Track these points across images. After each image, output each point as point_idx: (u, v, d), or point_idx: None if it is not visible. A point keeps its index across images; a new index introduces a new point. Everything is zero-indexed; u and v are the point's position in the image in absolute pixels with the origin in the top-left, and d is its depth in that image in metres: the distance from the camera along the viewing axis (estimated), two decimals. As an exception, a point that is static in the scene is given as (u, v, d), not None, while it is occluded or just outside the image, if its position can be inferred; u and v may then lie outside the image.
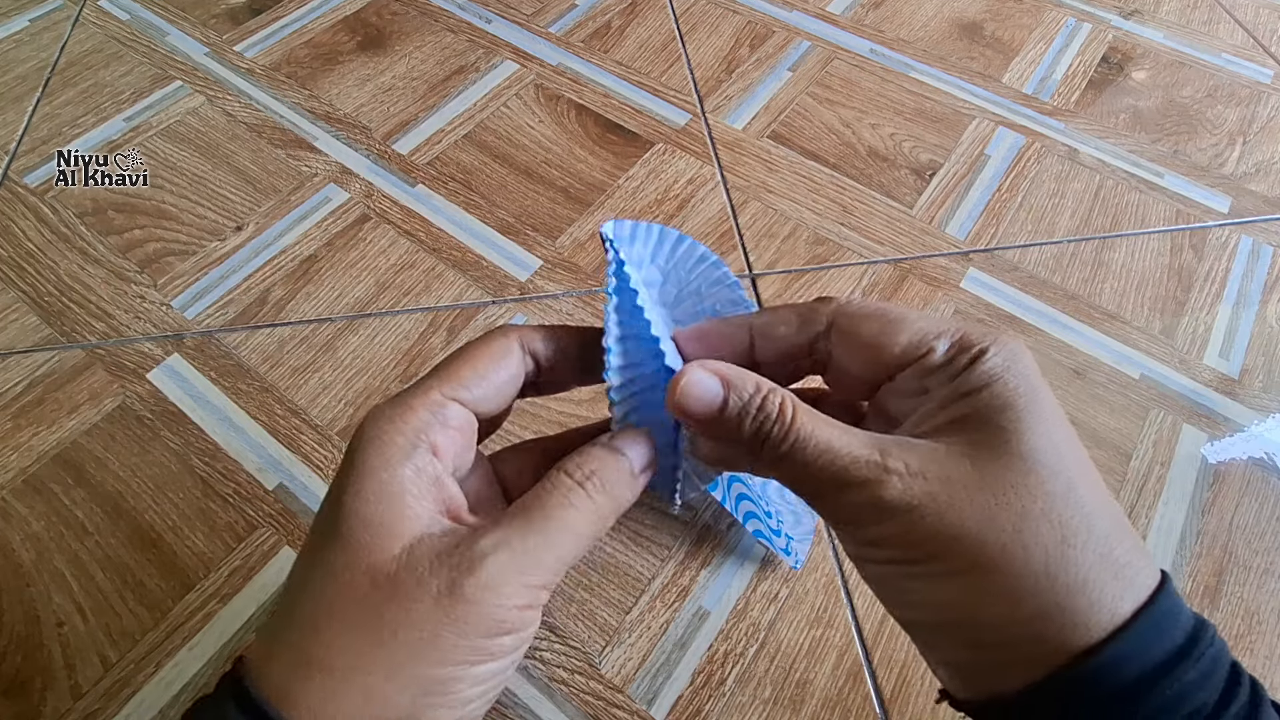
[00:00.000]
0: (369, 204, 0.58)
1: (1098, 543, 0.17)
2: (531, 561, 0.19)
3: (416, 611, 0.17)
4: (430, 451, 0.20)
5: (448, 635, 0.17)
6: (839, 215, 0.58)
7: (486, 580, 0.18)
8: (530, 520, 0.19)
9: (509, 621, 0.18)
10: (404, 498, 0.19)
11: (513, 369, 0.22)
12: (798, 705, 0.38)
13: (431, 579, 0.18)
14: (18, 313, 0.52)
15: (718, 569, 0.42)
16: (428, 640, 0.17)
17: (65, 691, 0.38)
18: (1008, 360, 0.19)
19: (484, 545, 0.18)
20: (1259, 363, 0.51)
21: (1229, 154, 0.63)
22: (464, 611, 0.18)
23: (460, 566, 0.18)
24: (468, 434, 0.22)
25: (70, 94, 0.65)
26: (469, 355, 0.22)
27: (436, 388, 0.21)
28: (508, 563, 0.18)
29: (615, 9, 0.73)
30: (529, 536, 0.19)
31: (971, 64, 0.69)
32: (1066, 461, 0.18)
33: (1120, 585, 0.17)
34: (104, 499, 0.44)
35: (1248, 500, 0.45)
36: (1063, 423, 0.19)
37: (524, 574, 0.18)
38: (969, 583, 0.18)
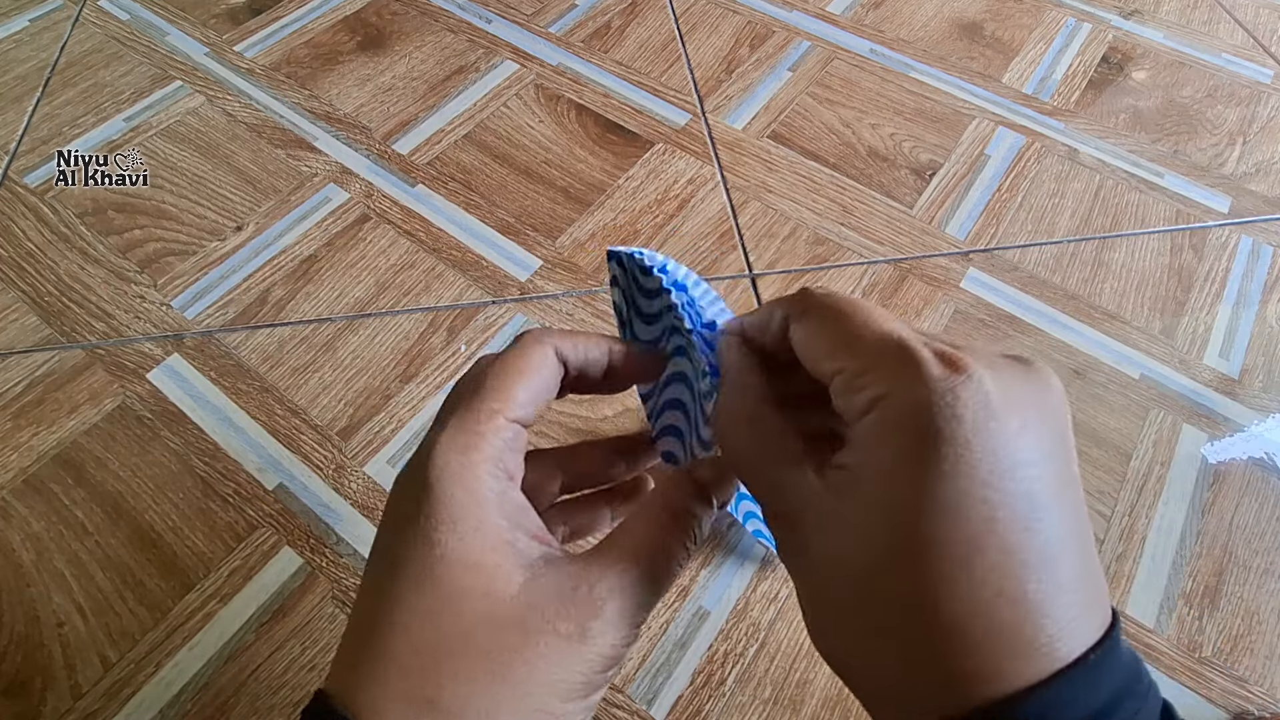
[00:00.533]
0: (369, 204, 0.58)
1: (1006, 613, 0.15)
2: (642, 605, 0.20)
3: (548, 649, 0.18)
4: (509, 479, 0.20)
5: (576, 670, 0.19)
6: (839, 215, 0.58)
7: (609, 622, 0.19)
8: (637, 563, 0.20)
9: (620, 656, 0.20)
10: (501, 534, 0.19)
11: (554, 379, 0.22)
12: (798, 705, 0.38)
13: (560, 621, 0.19)
14: (18, 313, 0.52)
15: (718, 569, 0.42)
16: (558, 675, 0.18)
17: (65, 691, 0.38)
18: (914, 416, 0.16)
19: (602, 590, 0.19)
20: (1259, 363, 0.51)
21: (1229, 154, 0.63)
22: (589, 651, 0.19)
23: (586, 610, 0.19)
24: (524, 451, 0.22)
25: (70, 94, 0.65)
26: (519, 372, 0.21)
27: (500, 412, 0.20)
28: (624, 606, 0.19)
29: (615, 9, 0.73)
30: (640, 586, 0.20)
31: (971, 64, 0.69)
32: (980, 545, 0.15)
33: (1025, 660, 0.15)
34: (104, 499, 0.44)
35: (1248, 500, 0.45)
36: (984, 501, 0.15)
37: (633, 614, 0.20)
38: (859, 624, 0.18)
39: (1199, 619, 0.41)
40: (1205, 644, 0.41)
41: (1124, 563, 0.43)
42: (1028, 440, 0.16)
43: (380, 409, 0.48)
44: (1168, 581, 0.42)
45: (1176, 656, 0.40)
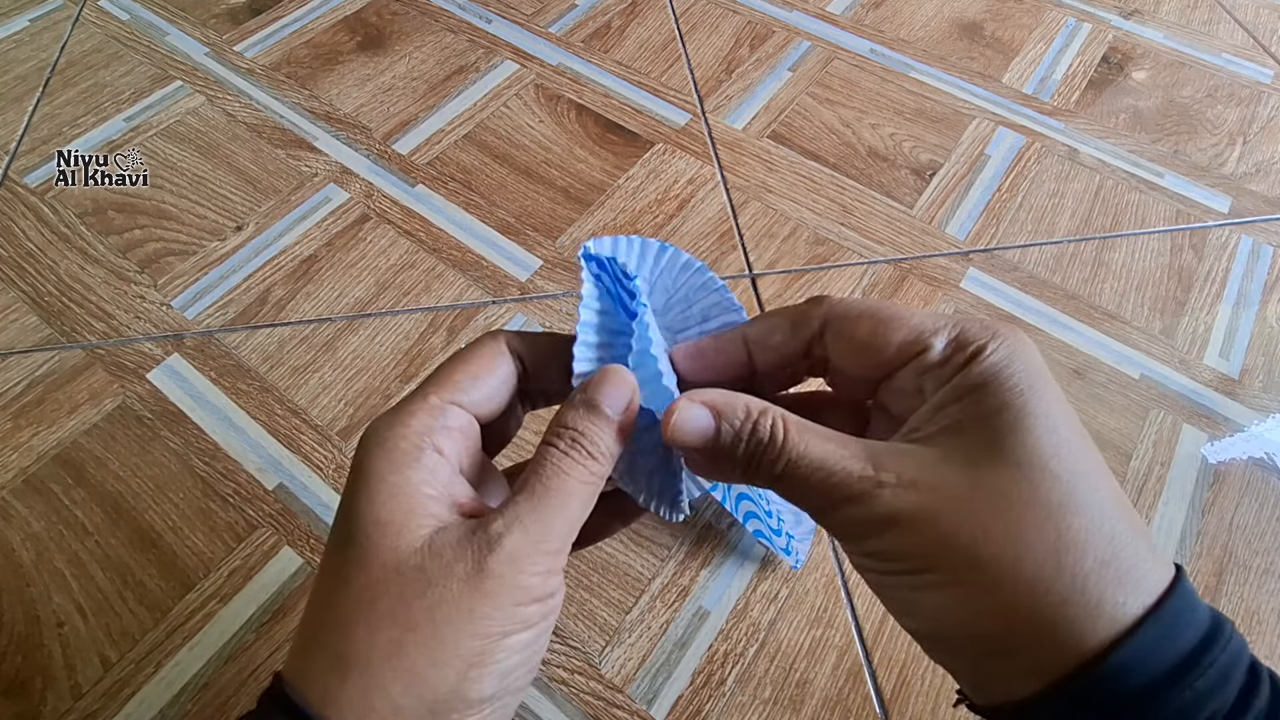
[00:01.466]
0: (369, 204, 0.58)
1: (1098, 548, 0.17)
2: (543, 530, 0.20)
3: (449, 593, 0.19)
4: (436, 453, 0.21)
5: (481, 609, 0.19)
6: (839, 215, 0.58)
7: (507, 555, 0.19)
8: (533, 495, 0.20)
9: (534, 589, 0.19)
10: (417, 497, 0.20)
11: (505, 370, 0.23)
12: (798, 705, 0.38)
13: (457, 562, 0.19)
14: (18, 313, 0.52)
15: (718, 569, 0.42)
16: (464, 616, 0.18)
17: (65, 691, 0.38)
18: (1005, 358, 0.19)
19: (498, 525, 0.19)
20: (1259, 363, 0.51)
21: (1229, 154, 0.63)
22: (493, 585, 0.19)
23: (482, 547, 0.19)
24: (470, 436, 0.22)
25: (70, 94, 0.65)
26: (461, 360, 0.23)
27: (434, 393, 0.22)
28: (522, 536, 0.19)
29: (615, 9, 0.73)
30: (536, 509, 0.20)
31: (971, 64, 0.69)
32: (1066, 464, 0.17)
33: (1123, 591, 0.16)
34: (104, 499, 0.44)
35: (1248, 500, 0.45)
36: (1065, 421, 0.18)
37: (540, 543, 0.20)
38: (966, 593, 0.18)
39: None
40: (1205, 644, 0.41)
41: (1124, 563, 0.43)
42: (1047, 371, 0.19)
43: (380, 409, 0.48)
44: (1168, 581, 0.42)
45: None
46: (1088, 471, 0.18)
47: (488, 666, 0.19)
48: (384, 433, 0.21)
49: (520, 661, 0.20)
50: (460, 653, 0.18)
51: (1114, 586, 0.16)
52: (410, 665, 0.18)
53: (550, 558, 0.20)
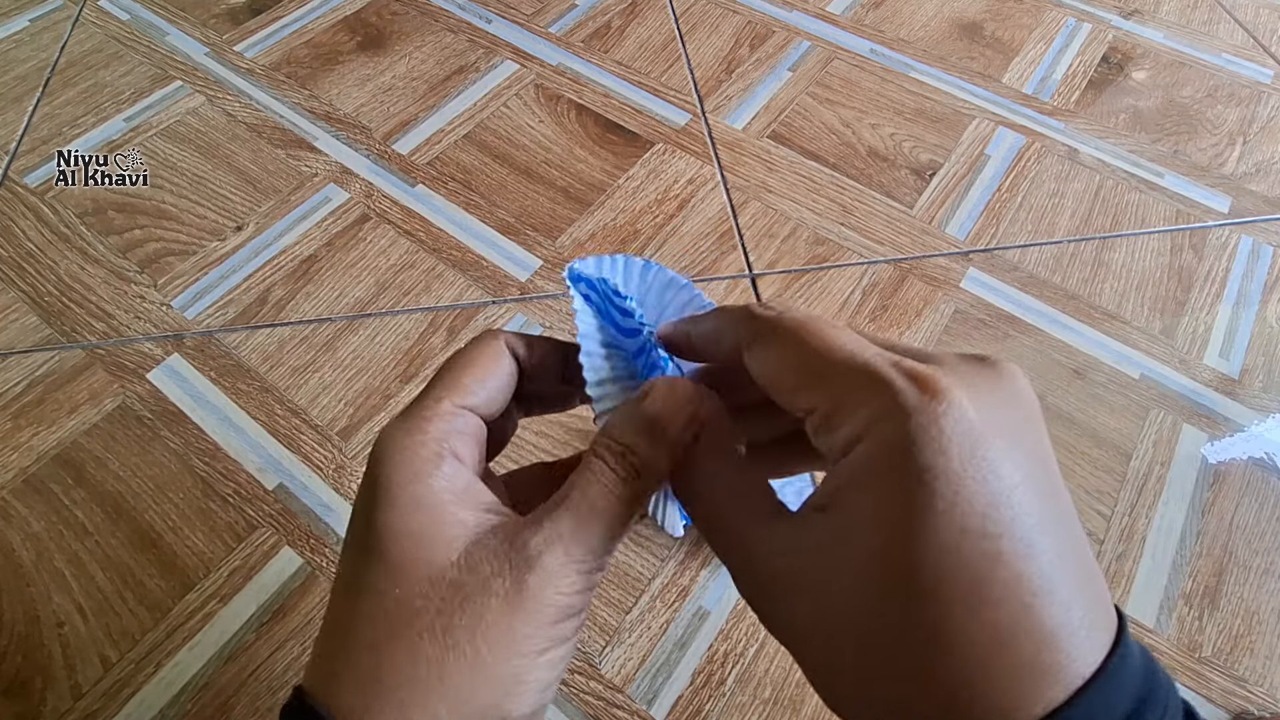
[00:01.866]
0: (369, 204, 0.58)
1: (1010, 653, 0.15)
2: (582, 549, 0.19)
3: (489, 610, 0.18)
4: (455, 459, 0.20)
5: (522, 628, 0.18)
6: (839, 215, 0.58)
7: (546, 573, 0.19)
8: (575, 511, 0.20)
9: (571, 606, 0.19)
10: (444, 507, 0.19)
11: (506, 371, 0.23)
12: (798, 705, 0.38)
13: (495, 579, 0.18)
14: (18, 313, 0.52)
15: (718, 569, 0.42)
16: (505, 636, 0.18)
17: (65, 691, 0.38)
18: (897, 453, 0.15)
19: (538, 542, 0.19)
20: (1259, 363, 0.51)
21: (1229, 154, 0.63)
22: (531, 605, 0.18)
23: (521, 564, 0.19)
24: (481, 441, 0.22)
25: (70, 94, 0.65)
26: (468, 362, 0.22)
27: (446, 398, 0.21)
28: (562, 554, 0.19)
29: (615, 9, 0.73)
30: (575, 528, 0.19)
31: (971, 64, 0.69)
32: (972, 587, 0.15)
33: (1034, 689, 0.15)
34: (104, 499, 0.44)
35: (1248, 500, 0.45)
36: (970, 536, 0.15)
37: (578, 561, 0.19)
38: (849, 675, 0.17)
39: (1199, 619, 0.41)
40: (1205, 644, 0.41)
41: (1124, 563, 0.43)
42: (1016, 458, 0.15)
43: (380, 409, 0.48)
44: (1168, 581, 0.42)
45: (1176, 656, 0.40)
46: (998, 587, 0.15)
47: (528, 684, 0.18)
48: (402, 440, 0.20)
49: (556, 676, 0.19)
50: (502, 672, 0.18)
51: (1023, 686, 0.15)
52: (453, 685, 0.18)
53: (587, 576, 0.19)
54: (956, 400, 0.15)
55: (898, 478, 0.15)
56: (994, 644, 0.15)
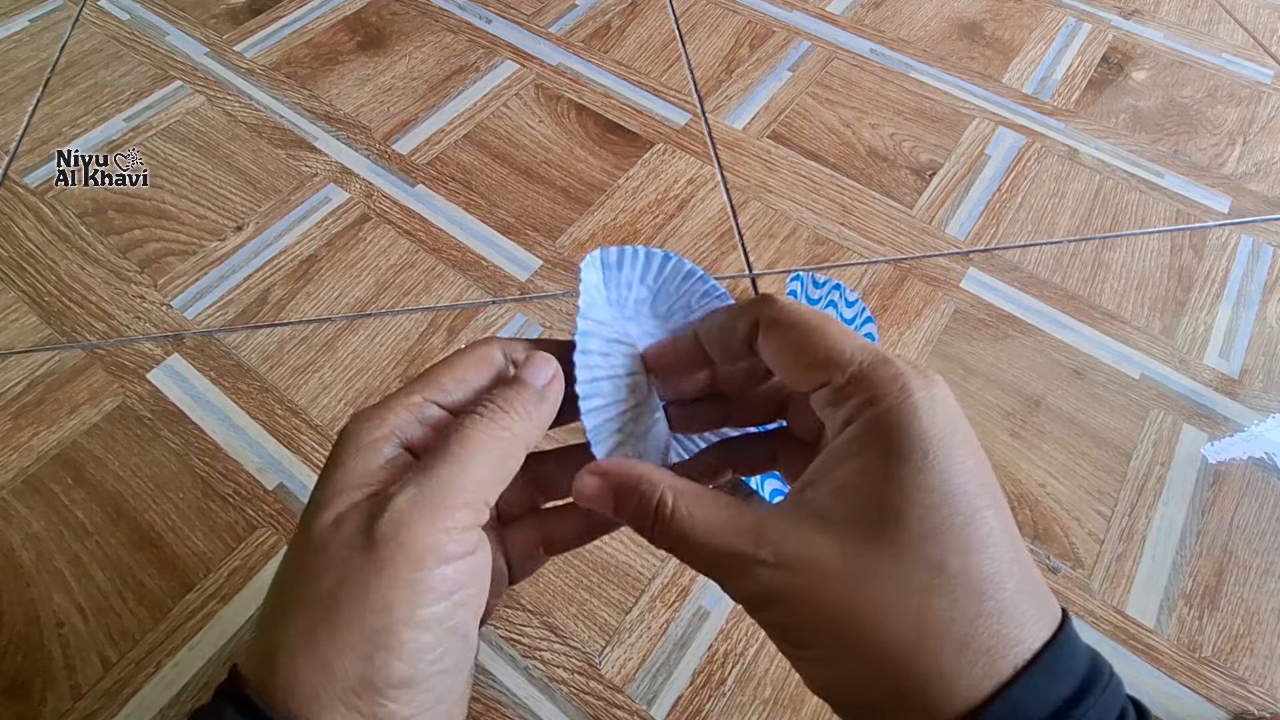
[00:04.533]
0: (369, 204, 0.58)
1: (958, 630, 0.17)
2: (439, 486, 0.19)
3: (349, 569, 0.18)
4: (404, 447, 0.21)
5: (374, 580, 0.17)
6: (839, 215, 0.58)
7: (396, 515, 0.18)
8: (434, 454, 0.20)
9: (434, 549, 0.18)
10: (353, 478, 0.20)
11: (493, 375, 0.23)
12: (798, 705, 0.38)
13: (355, 534, 0.18)
14: (18, 313, 0.52)
15: (718, 569, 0.42)
16: (360, 593, 0.17)
17: (65, 691, 0.38)
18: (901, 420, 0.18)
19: (393, 489, 0.19)
20: (1259, 363, 0.51)
21: (1229, 154, 0.63)
22: (385, 553, 0.17)
23: (371, 513, 0.18)
24: None
25: (70, 94, 0.65)
26: (449, 361, 0.23)
27: (417, 391, 0.22)
28: (415, 495, 0.18)
29: (615, 9, 0.73)
30: (434, 468, 0.19)
31: (971, 64, 0.69)
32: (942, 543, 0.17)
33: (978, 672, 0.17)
34: (104, 499, 0.44)
35: (1248, 500, 0.45)
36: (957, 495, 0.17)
37: (436, 500, 0.18)
38: (837, 670, 0.18)
39: (1199, 619, 0.41)
40: (1205, 644, 0.41)
41: (1124, 563, 0.43)
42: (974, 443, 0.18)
43: (380, 409, 0.48)
44: (1168, 581, 0.42)
45: (1176, 656, 0.40)
46: (966, 547, 0.17)
47: (393, 648, 0.17)
48: (360, 423, 0.21)
49: (435, 640, 0.18)
50: (362, 635, 0.17)
51: (970, 667, 0.17)
52: (322, 652, 0.17)
53: (449, 513, 0.18)
54: (942, 385, 0.19)
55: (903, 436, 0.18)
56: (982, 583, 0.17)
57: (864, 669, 0.18)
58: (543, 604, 0.41)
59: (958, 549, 0.17)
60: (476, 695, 0.38)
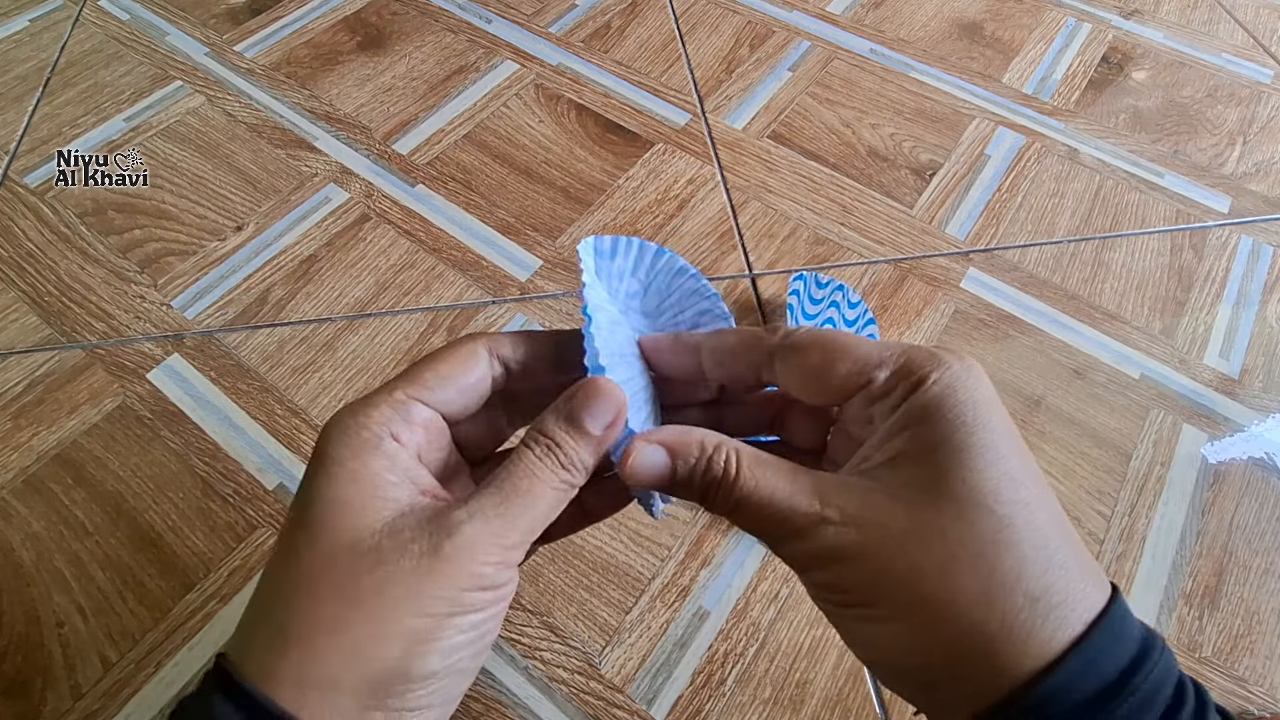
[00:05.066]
0: (369, 204, 0.58)
1: (1029, 584, 0.17)
2: (504, 526, 0.20)
3: (400, 570, 0.19)
4: (394, 441, 0.21)
5: (430, 588, 0.19)
6: (839, 215, 0.58)
7: (463, 542, 0.19)
8: (500, 491, 0.21)
9: (485, 578, 0.20)
10: (378, 482, 0.20)
11: (478, 372, 0.23)
12: (798, 705, 0.38)
13: (413, 543, 0.19)
14: (18, 313, 0.52)
15: (718, 569, 0.42)
16: (411, 594, 0.19)
17: (65, 691, 0.38)
18: (948, 388, 0.19)
19: (460, 514, 0.20)
20: (1259, 363, 0.51)
21: (1229, 154, 0.63)
22: (444, 568, 0.19)
23: (440, 532, 0.19)
24: (434, 433, 0.23)
25: (70, 94, 0.65)
26: (431, 358, 0.23)
27: (400, 388, 0.22)
28: (482, 527, 0.20)
29: (615, 9, 0.73)
30: (500, 506, 0.20)
31: (971, 64, 0.69)
32: (1004, 499, 0.18)
33: (1050, 626, 0.17)
34: (104, 499, 0.44)
35: (1248, 500, 0.45)
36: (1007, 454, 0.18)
37: (498, 537, 0.20)
38: (903, 628, 0.18)
39: (1199, 619, 0.41)
40: (1205, 644, 0.41)
41: (1124, 563, 0.43)
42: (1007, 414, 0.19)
43: (380, 409, 0.48)
44: (1168, 581, 0.42)
45: (1177, 656, 0.40)
46: (1027, 502, 0.18)
47: (432, 644, 0.19)
48: (346, 420, 0.21)
49: (466, 642, 0.20)
50: (404, 629, 0.19)
51: (1042, 621, 0.17)
52: (352, 640, 0.18)
53: (506, 552, 0.20)
54: (976, 364, 0.20)
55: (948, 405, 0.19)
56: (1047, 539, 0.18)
57: (930, 627, 0.18)
58: (543, 604, 0.41)
59: (1019, 505, 0.18)
60: (476, 695, 0.38)
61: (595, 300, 0.24)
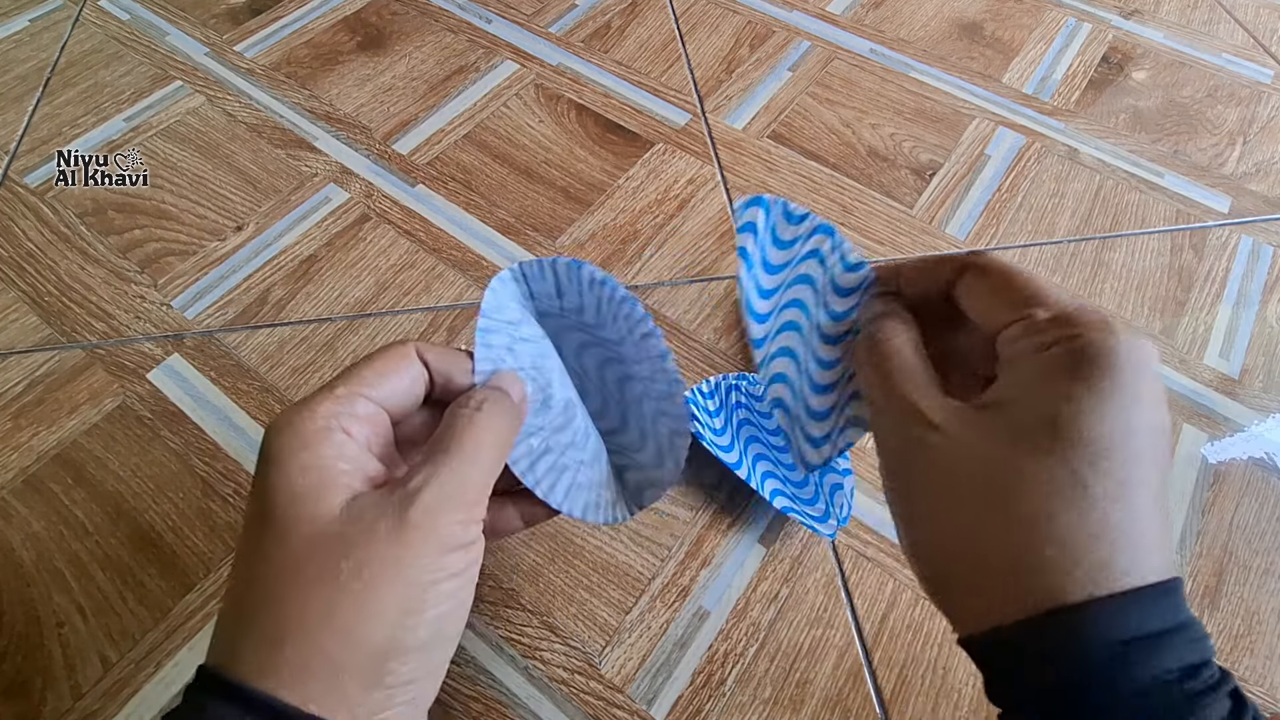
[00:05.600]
0: (369, 204, 0.58)
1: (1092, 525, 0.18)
2: (459, 482, 0.21)
3: (374, 549, 0.19)
4: (343, 433, 0.22)
5: (406, 558, 0.20)
6: (839, 215, 0.58)
7: (425, 507, 0.20)
8: (447, 451, 0.21)
9: (455, 537, 0.21)
10: (329, 469, 0.21)
11: (411, 372, 0.24)
12: (798, 705, 0.38)
13: (379, 521, 0.20)
14: (18, 313, 0.52)
15: (718, 569, 0.42)
16: (391, 569, 0.19)
17: (65, 691, 0.38)
18: (1095, 352, 0.19)
19: (416, 481, 0.21)
20: (1259, 363, 0.51)
21: (1229, 154, 0.63)
22: (414, 536, 0.20)
23: (402, 504, 0.20)
24: (379, 426, 0.23)
25: (70, 94, 0.65)
26: (366, 359, 0.24)
27: (341, 385, 0.23)
28: (439, 489, 0.21)
29: (615, 9, 0.73)
30: (450, 463, 0.21)
31: (971, 64, 0.69)
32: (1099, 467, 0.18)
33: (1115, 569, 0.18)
34: (104, 499, 0.44)
35: (1248, 500, 0.45)
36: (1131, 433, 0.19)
37: (456, 495, 0.21)
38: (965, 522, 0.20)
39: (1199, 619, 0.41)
40: (1205, 644, 0.41)
41: (1124, 563, 0.43)
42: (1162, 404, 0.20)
43: (380, 409, 0.48)
44: (1168, 581, 0.42)
45: (1176, 656, 0.40)
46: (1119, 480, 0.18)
47: (421, 614, 0.20)
48: (291, 417, 0.22)
49: (450, 609, 0.21)
50: (392, 602, 0.19)
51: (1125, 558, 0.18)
52: (344, 622, 0.19)
53: (467, 508, 0.21)
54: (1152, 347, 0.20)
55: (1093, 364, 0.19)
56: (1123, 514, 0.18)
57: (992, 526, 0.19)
58: (543, 604, 0.41)
59: (1112, 479, 0.18)
60: (476, 695, 0.38)
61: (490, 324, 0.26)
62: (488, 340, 0.26)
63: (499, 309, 0.27)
